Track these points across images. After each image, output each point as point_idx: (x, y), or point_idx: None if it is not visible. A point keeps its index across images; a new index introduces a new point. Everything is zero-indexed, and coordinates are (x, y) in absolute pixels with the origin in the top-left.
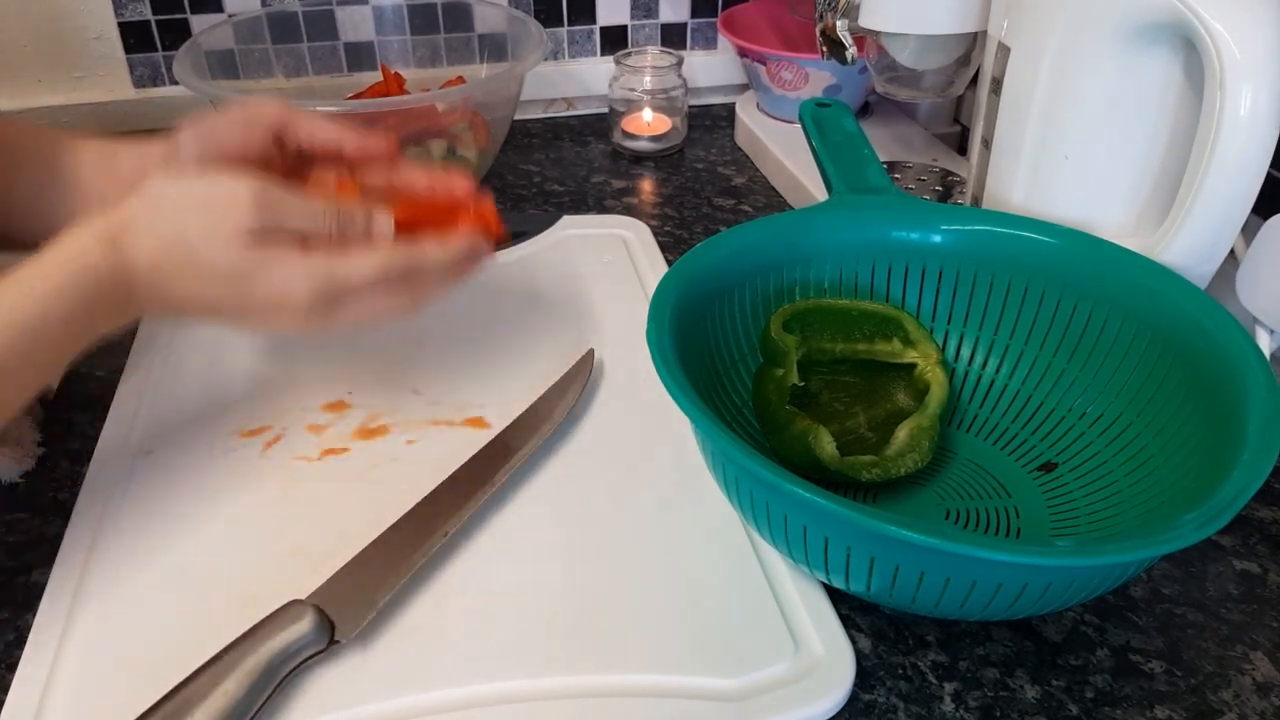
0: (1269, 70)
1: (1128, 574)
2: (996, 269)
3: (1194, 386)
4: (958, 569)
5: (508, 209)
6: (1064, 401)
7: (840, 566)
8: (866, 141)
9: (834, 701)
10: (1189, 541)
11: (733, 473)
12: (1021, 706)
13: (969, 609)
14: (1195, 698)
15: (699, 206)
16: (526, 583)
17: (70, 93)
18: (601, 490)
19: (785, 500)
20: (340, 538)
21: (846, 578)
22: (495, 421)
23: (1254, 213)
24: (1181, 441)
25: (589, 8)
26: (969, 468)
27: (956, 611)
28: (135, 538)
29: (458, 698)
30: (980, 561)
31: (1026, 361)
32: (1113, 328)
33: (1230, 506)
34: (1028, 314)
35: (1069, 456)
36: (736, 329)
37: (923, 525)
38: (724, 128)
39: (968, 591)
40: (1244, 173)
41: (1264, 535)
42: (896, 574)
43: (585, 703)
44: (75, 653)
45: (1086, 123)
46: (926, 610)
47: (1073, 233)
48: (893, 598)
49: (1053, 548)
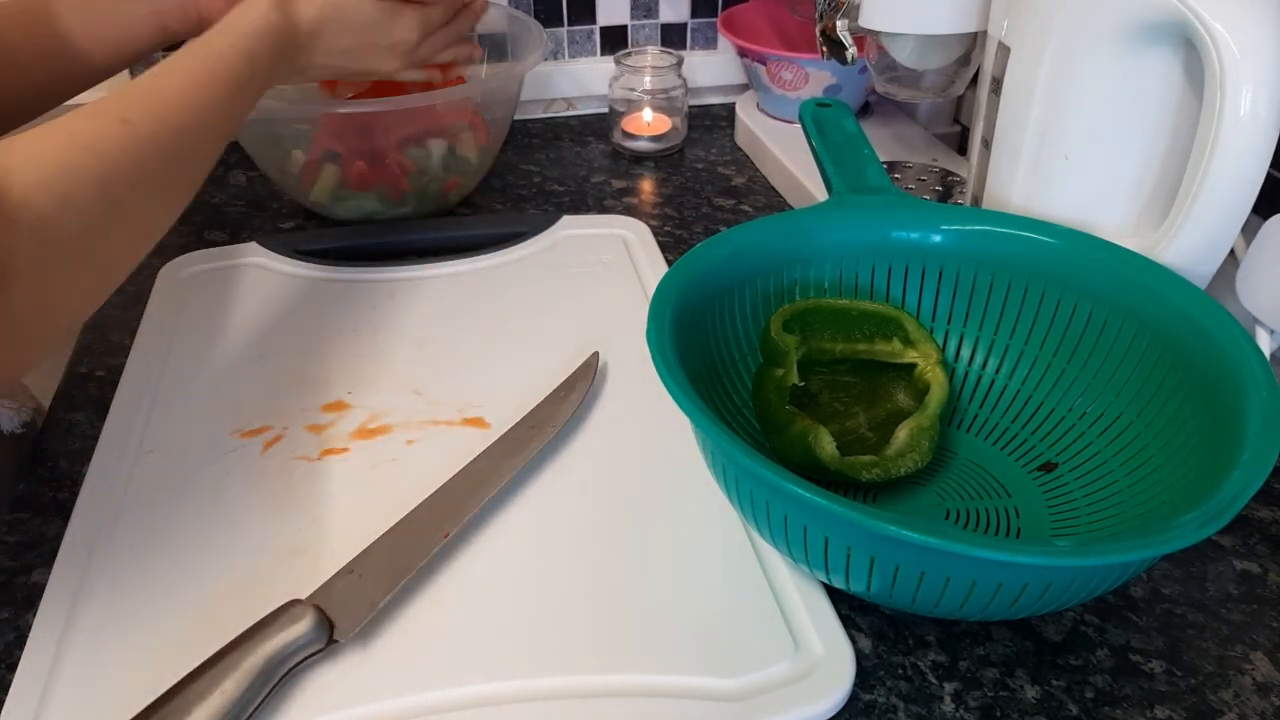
0: (1269, 70)
1: (1128, 574)
2: (996, 269)
3: (1194, 386)
4: (957, 569)
5: (508, 209)
6: (1064, 401)
7: (840, 566)
8: (866, 141)
9: (834, 701)
10: (1189, 541)
11: (733, 472)
12: (1021, 706)
13: (969, 609)
14: (1195, 698)
15: (699, 206)
16: (526, 583)
17: None
18: (601, 491)
19: (785, 500)
20: (340, 538)
21: (847, 578)
22: (495, 422)
23: (1254, 213)
24: (1182, 441)
25: (589, 8)
26: (969, 468)
27: (957, 611)
28: (135, 537)
29: (457, 698)
30: (980, 561)
31: (1027, 361)
32: (1113, 328)
33: (1230, 506)
34: (1028, 314)
35: (1069, 456)
36: (736, 329)
37: (922, 525)
38: (724, 128)
39: (968, 591)
40: (1244, 173)
41: (1264, 535)
42: (896, 574)
43: (585, 703)
44: (75, 653)
45: (1086, 123)
46: (926, 610)
47: (1072, 232)
48: (893, 598)
49: (1052, 548)
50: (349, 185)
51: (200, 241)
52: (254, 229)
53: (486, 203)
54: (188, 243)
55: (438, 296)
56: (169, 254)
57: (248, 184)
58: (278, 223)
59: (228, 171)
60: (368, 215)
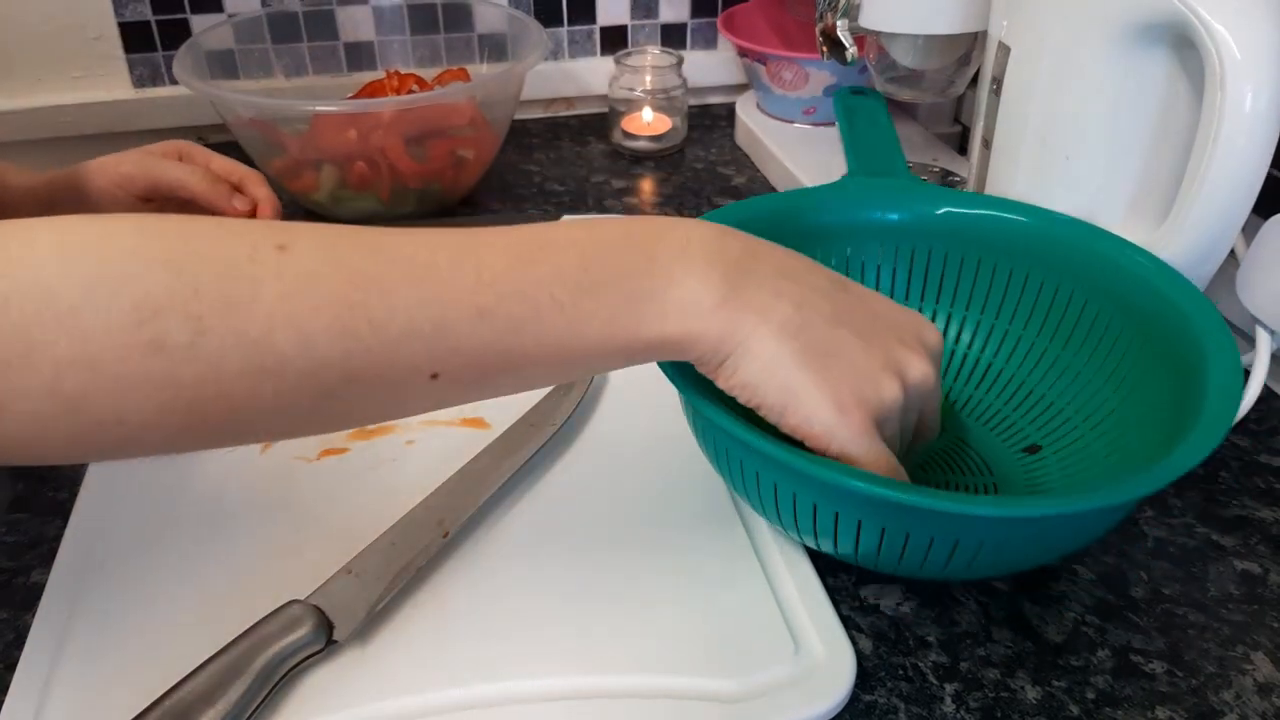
0: (1269, 70)
1: (1082, 537)
2: (999, 255)
3: (1171, 373)
4: (914, 523)
5: (508, 209)
6: (1055, 386)
7: (806, 522)
8: (892, 129)
9: (834, 702)
10: (1108, 502)
11: (710, 435)
12: (1022, 707)
13: (929, 567)
14: (1196, 698)
15: (699, 206)
16: (526, 584)
17: (70, 93)
18: (601, 492)
19: (771, 465)
20: (338, 538)
21: (815, 534)
22: (494, 422)
23: (1254, 213)
24: (1155, 425)
25: (589, 8)
26: (956, 445)
27: (919, 570)
28: (134, 538)
29: (456, 698)
30: (926, 513)
31: (1024, 347)
32: (1105, 316)
33: (1162, 476)
34: (1027, 300)
35: (1054, 440)
36: None
37: (869, 477)
38: (724, 127)
39: (927, 547)
40: (1244, 173)
41: (1264, 535)
42: (848, 526)
43: (585, 704)
44: (75, 653)
45: (1086, 123)
46: (890, 568)
47: (1070, 220)
48: (858, 555)
49: (981, 499)
50: (349, 185)
51: None
52: None
53: (486, 203)
54: None
55: None
56: None
57: None
58: None
59: None
60: (368, 215)
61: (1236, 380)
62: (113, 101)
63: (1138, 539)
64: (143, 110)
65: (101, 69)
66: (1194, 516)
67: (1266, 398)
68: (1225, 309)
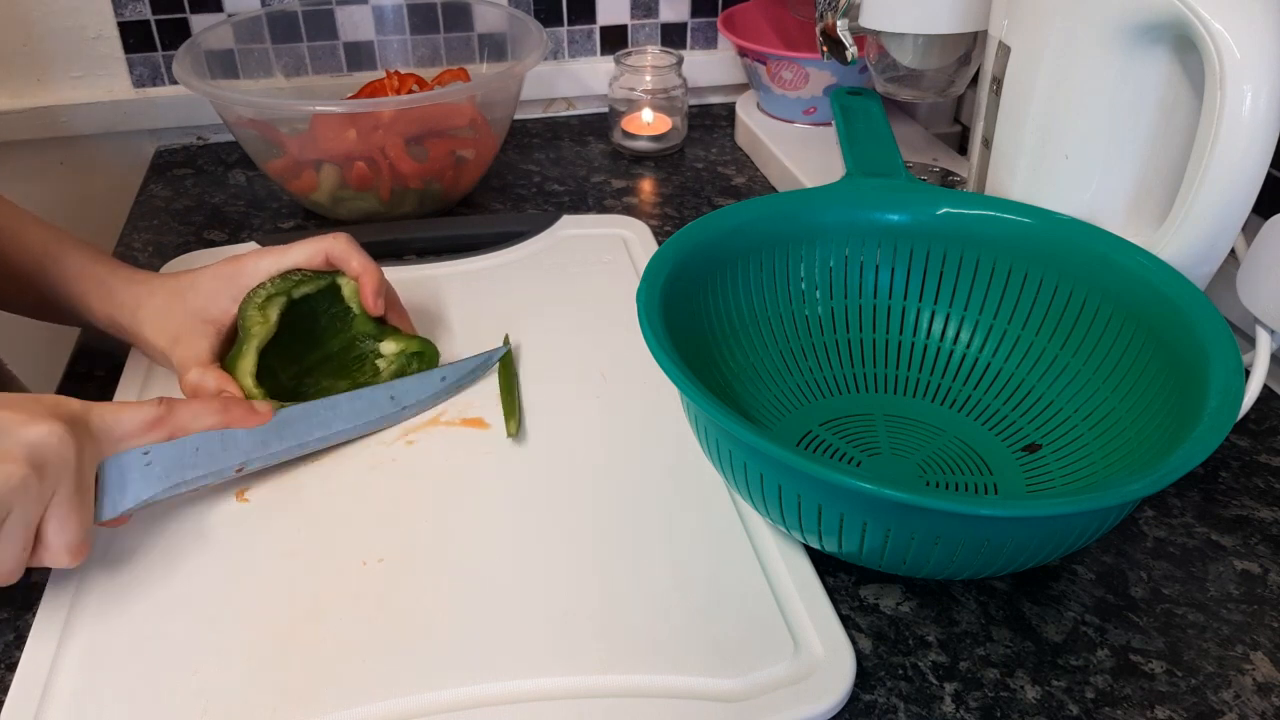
0: (1269, 70)
1: (1086, 536)
2: (999, 255)
3: (1171, 374)
4: (916, 523)
5: (508, 209)
6: (1054, 386)
7: (810, 522)
8: (888, 129)
9: (834, 702)
10: (1105, 503)
11: (713, 437)
12: (1022, 707)
13: (935, 567)
14: (1196, 698)
15: (699, 206)
16: (527, 583)
17: (70, 93)
18: (601, 491)
19: (775, 467)
20: (338, 538)
21: (820, 535)
22: (494, 421)
23: (1254, 213)
24: (1155, 426)
25: (589, 7)
26: (955, 445)
27: (925, 569)
28: (134, 538)
29: (456, 698)
30: (926, 512)
31: (1023, 346)
32: (1104, 315)
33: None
34: (1027, 300)
35: (1054, 439)
36: (739, 300)
37: (847, 469)
38: (724, 127)
39: (932, 544)
40: (1244, 172)
41: (1264, 535)
42: (857, 529)
43: (585, 703)
44: (75, 653)
45: (1086, 122)
46: (894, 567)
47: (1070, 220)
48: (862, 555)
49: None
50: (349, 185)
51: (200, 241)
52: (254, 229)
53: (486, 202)
54: (187, 242)
55: (438, 296)
56: (169, 254)
57: (247, 184)
58: (277, 222)
59: (227, 171)
60: (368, 215)
61: (1238, 380)
62: (113, 101)
63: (1138, 539)
64: (142, 110)
65: (101, 69)
66: (1194, 516)
67: (1266, 398)
68: (1225, 309)
